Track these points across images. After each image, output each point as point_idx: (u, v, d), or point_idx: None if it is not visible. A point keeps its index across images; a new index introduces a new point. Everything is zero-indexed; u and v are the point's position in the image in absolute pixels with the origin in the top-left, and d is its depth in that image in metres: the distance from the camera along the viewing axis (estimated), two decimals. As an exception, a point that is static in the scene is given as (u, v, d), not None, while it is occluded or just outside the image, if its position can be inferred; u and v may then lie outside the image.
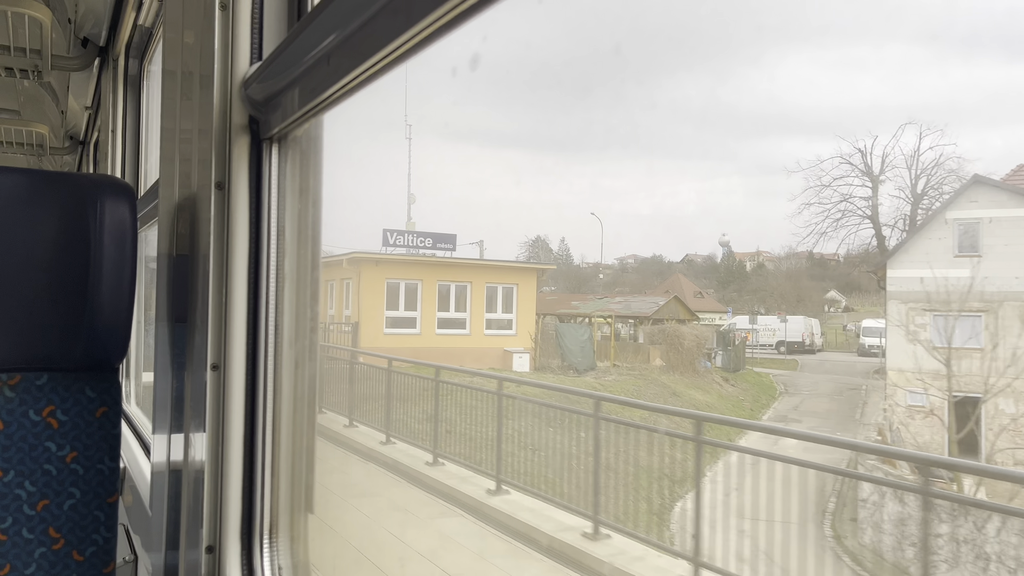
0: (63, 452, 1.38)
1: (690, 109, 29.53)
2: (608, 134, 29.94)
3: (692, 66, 29.84)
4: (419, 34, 0.75)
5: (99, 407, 1.40)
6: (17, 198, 1.33)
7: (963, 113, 22.32)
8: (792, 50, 30.22)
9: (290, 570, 1.26)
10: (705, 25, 31.45)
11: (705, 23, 31.31)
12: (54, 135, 5.08)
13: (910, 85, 26.42)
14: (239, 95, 1.23)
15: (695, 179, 40.94)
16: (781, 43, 29.75)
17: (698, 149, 36.14)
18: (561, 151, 35.45)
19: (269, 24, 1.22)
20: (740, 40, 28.97)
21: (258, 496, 1.24)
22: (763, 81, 27.43)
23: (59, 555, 1.38)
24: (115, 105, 3.28)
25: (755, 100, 29.74)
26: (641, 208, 40.67)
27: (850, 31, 23.22)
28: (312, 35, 0.96)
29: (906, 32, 22.93)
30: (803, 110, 27.40)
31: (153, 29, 2.96)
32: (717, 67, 26.90)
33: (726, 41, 24.68)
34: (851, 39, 23.28)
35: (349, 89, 0.96)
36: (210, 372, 1.23)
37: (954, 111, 23.39)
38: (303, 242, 1.25)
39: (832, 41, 24.77)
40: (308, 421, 1.28)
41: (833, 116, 25.89)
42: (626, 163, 35.94)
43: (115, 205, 1.37)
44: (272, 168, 1.23)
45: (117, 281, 1.37)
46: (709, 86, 26.71)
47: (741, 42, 28.73)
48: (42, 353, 1.36)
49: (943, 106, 27.31)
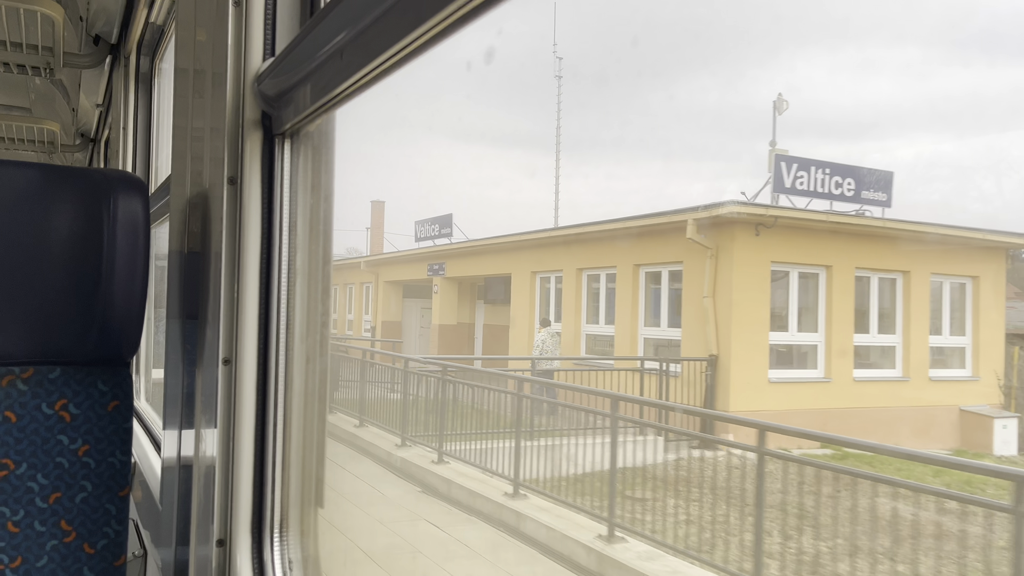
0: (75, 445, 1.39)
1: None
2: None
3: (708, 62, 29.43)
4: (433, 28, 0.76)
5: (111, 401, 1.41)
6: (30, 193, 1.34)
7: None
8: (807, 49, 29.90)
9: (300, 564, 1.26)
10: (722, 19, 31.08)
11: (721, 18, 30.94)
12: (65, 132, 5.11)
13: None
14: (251, 90, 1.23)
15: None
16: (797, 42, 29.39)
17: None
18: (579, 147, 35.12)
19: (282, 19, 1.23)
20: (757, 36, 28.60)
21: (268, 490, 1.25)
22: (781, 77, 27.00)
23: (70, 548, 1.38)
24: (126, 102, 3.29)
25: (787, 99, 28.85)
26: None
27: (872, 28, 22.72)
28: (325, 30, 0.96)
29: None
30: (821, 109, 26.92)
31: (165, 26, 2.97)
32: (732, 64, 26.51)
33: (743, 38, 24.34)
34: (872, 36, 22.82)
35: (362, 84, 0.96)
36: (221, 367, 1.24)
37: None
38: (315, 238, 1.26)
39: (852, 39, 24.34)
40: (319, 415, 1.29)
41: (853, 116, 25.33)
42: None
43: (128, 200, 1.38)
44: (284, 163, 1.24)
45: (130, 275, 1.38)
46: (726, 81, 26.22)
47: (757, 38, 28.37)
48: (55, 347, 1.36)
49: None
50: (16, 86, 4.28)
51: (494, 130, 39.62)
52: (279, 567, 1.24)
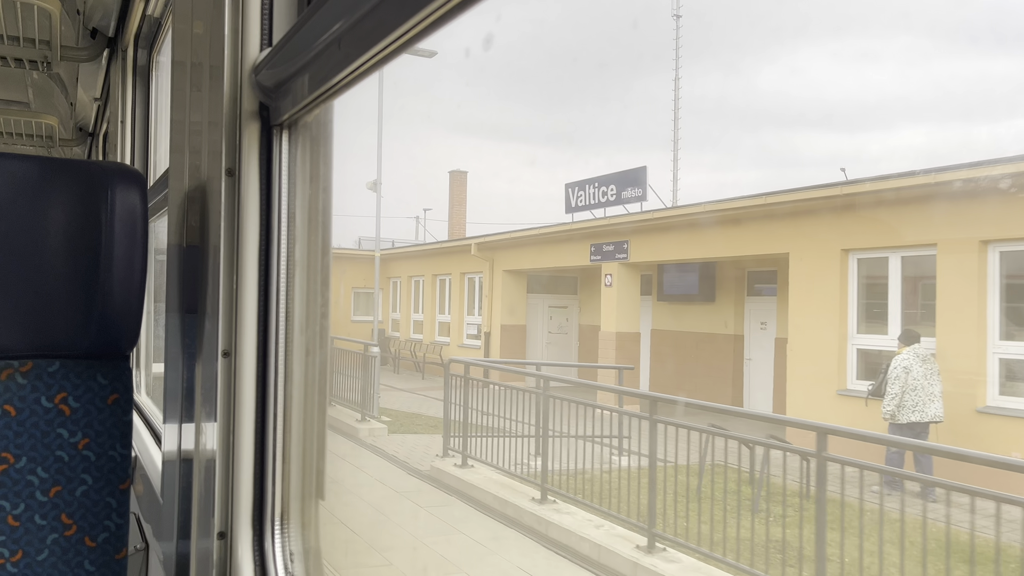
0: (75, 439, 1.38)
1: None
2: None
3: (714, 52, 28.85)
4: (431, 15, 0.75)
5: (111, 394, 1.41)
6: (28, 185, 1.33)
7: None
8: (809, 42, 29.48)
9: (301, 555, 1.26)
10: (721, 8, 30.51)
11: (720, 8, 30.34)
12: (63, 127, 5.10)
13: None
14: (249, 81, 1.23)
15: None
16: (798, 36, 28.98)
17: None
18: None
19: (279, 9, 1.22)
20: (758, 29, 28.21)
21: (269, 482, 1.25)
22: (779, 70, 26.61)
23: (71, 541, 1.38)
24: (124, 96, 3.28)
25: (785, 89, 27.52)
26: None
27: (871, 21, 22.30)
28: (322, 19, 0.95)
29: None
30: (822, 102, 26.48)
31: (162, 19, 2.96)
32: (733, 56, 26.11)
33: (744, 28, 23.99)
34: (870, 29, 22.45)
35: (360, 74, 0.95)
36: (221, 359, 1.23)
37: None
38: (314, 229, 1.25)
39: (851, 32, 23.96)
40: (319, 407, 1.29)
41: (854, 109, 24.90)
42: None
43: (126, 192, 1.38)
44: (283, 154, 1.23)
45: (128, 267, 1.37)
46: (727, 72, 25.68)
47: (759, 31, 27.97)
48: (54, 340, 1.36)
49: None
50: (14, 80, 4.27)
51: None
52: (280, 559, 1.24)
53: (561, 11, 22.29)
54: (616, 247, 15.42)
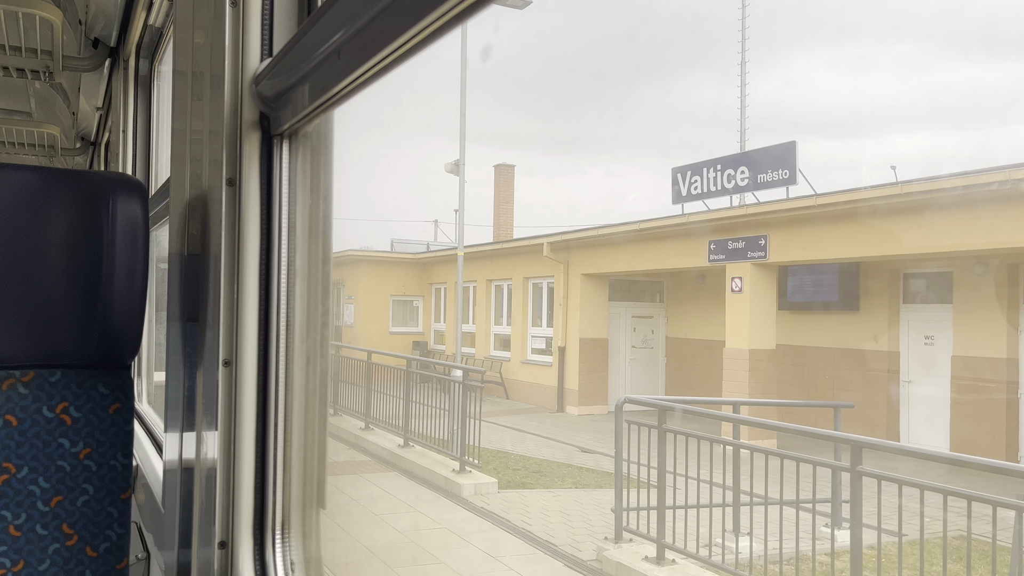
0: (76, 448, 1.38)
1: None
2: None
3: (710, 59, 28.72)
4: (431, 25, 0.75)
5: (112, 403, 1.41)
6: (30, 196, 1.34)
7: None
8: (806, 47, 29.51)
9: (302, 565, 1.26)
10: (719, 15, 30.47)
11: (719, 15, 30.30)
12: (65, 136, 5.11)
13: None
14: (250, 91, 1.23)
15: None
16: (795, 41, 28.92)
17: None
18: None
19: (279, 20, 1.23)
20: (754, 35, 28.20)
21: (270, 491, 1.25)
22: (777, 76, 26.54)
23: (73, 551, 1.38)
24: (126, 106, 3.29)
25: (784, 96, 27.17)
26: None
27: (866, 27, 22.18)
28: (322, 30, 0.96)
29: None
30: (819, 108, 26.38)
31: (164, 29, 2.97)
32: (729, 63, 26.07)
33: (739, 35, 24.08)
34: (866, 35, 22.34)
35: (360, 84, 0.95)
36: (222, 368, 1.24)
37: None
38: (314, 238, 1.25)
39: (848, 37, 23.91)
40: (320, 416, 1.29)
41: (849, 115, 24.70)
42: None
43: (127, 202, 1.38)
44: (283, 164, 1.23)
45: (129, 277, 1.38)
46: (724, 80, 25.59)
47: (755, 37, 27.98)
48: (55, 350, 1.36)
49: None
50: (16, 90, 4.29)
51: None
52: (281, 569, 1.24)
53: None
54: (748, 243, 12.11)
